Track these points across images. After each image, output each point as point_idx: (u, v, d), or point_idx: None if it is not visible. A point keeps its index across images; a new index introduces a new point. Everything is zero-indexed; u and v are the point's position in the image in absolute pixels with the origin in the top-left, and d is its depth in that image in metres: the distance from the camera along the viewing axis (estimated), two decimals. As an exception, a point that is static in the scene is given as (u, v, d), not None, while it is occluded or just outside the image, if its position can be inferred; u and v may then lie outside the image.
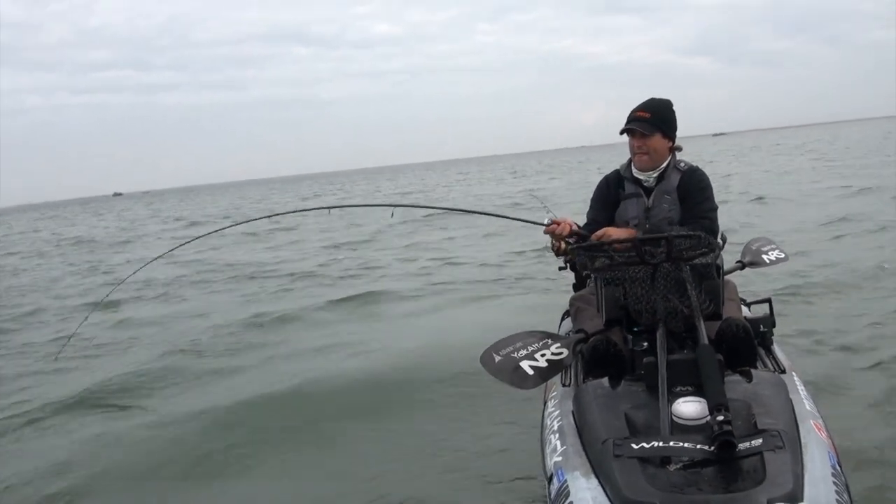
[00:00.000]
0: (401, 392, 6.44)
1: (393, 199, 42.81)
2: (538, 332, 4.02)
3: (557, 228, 4.46)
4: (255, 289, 13.31)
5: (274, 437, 5.76)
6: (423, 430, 5.58)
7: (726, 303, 3.97)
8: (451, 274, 12.95)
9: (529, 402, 4.86)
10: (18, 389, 7.81)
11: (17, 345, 10.26)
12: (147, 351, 8.96)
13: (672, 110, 4.57)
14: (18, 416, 6.78)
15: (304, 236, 22.73)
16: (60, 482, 5.26)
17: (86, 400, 7.11)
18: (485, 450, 5.10)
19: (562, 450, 3.27)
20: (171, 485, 5.15)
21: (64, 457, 5.73)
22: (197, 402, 6.76)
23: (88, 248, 27.14)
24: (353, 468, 5.07)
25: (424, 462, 5.06)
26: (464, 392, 6.16)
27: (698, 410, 3.05)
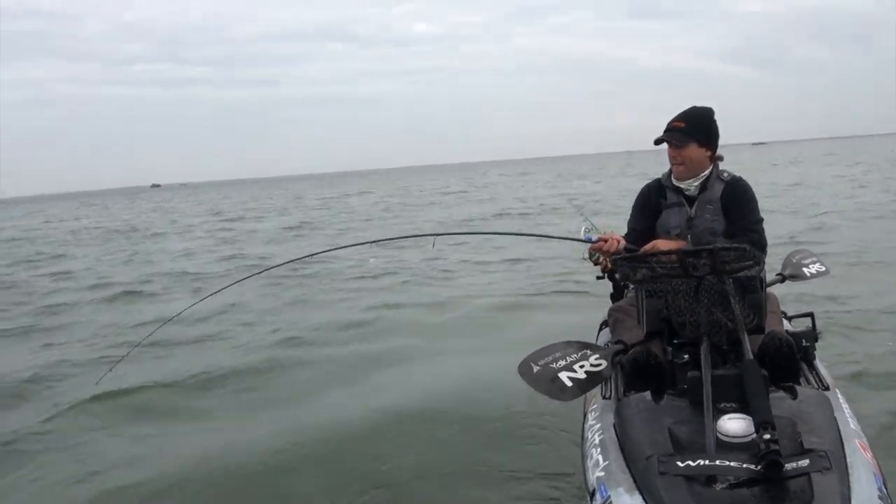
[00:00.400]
0: (434, 405, 6.41)
1: (435, 198, 42.94)
2: (576, 343, 3.98)
3: (605, 245, 4.40)
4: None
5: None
6: (458, 441, 5.56)
7: (768, 316, 3.90)
8: (484, 280, 12.87)
9: (569, 413, 4.80)
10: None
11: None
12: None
13: (712, 119, 4.50)
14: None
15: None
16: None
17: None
18: (523, 462, 5.06)
19: (604, 464, 3.22)
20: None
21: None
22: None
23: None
24: (382, 478, 5.06)
25: (461, 472, 5.05)
26: (499, 402, 6.11)
27: (744, 428, 2.99)
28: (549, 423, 5.45)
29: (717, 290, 3.61)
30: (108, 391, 7.08)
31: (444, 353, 8.29)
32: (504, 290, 11.82)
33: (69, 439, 6.18)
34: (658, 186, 4.64)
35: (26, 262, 21.86)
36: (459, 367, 7.54)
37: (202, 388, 7.42)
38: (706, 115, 4.50)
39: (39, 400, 7.41)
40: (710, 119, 4.49)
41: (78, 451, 5.94)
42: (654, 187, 4.66)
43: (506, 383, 6.18)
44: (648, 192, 4.67)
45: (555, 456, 5.04)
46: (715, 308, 3.59)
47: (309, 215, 34.20)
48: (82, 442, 6.13)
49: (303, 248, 18.00)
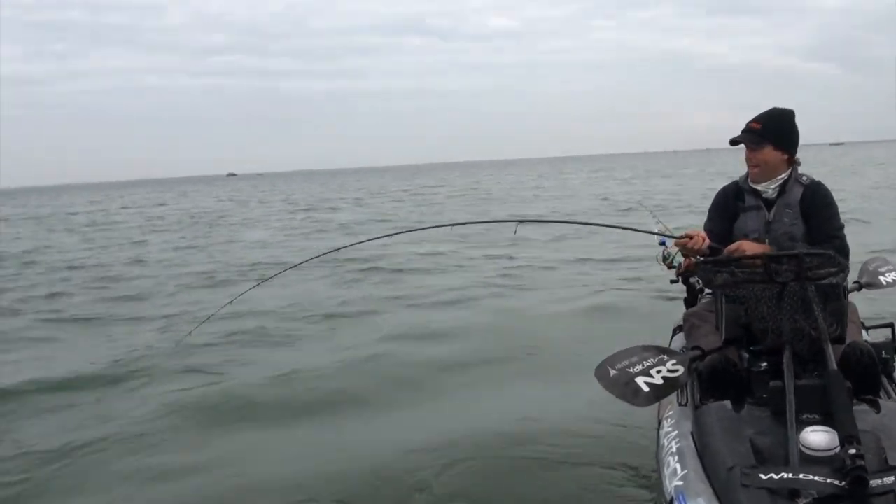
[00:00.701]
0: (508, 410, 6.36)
1: (518, 193, 42.90)
2: (654, 347, 3.90)
3: (690, 242, 4.29)
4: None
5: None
6: (528, 444, 5.52)
7: (848, 325, 3.79)
8: (550, 279, 12.89)
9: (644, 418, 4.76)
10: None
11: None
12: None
13: (791, 121, 4.42)
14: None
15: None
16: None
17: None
18: (596, 468, 5.02)
19: (682, 473, 3.20)
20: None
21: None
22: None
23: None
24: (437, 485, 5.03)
25: (533, 474, 5.02)
26: (572, 407, 6.08)
27: (828, 441, 2.93)
28: (624, 427, 5.40)
29: (799, 297, 3.53)
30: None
31: (520, 357, 8.21)
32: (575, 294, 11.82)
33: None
34: (735, 189, 4.57)
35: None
36: (531, 371, 7.48)
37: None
38: (785, 117, 4.42)
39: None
40: (788, 121, 4.42)
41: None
42: (732, 189, 4.59)
43: (576, 390, 6.20)
44: (725, 195, 4.60)
45: (631, 461, 4.99)
46: (798, 316, 3.51)
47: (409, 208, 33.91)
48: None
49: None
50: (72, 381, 7.65)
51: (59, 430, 6.25)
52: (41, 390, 7.36)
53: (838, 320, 3.61)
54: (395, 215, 30.15)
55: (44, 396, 7.19)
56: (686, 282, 5.23)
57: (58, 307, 12.39)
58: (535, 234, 17.77)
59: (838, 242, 4.18)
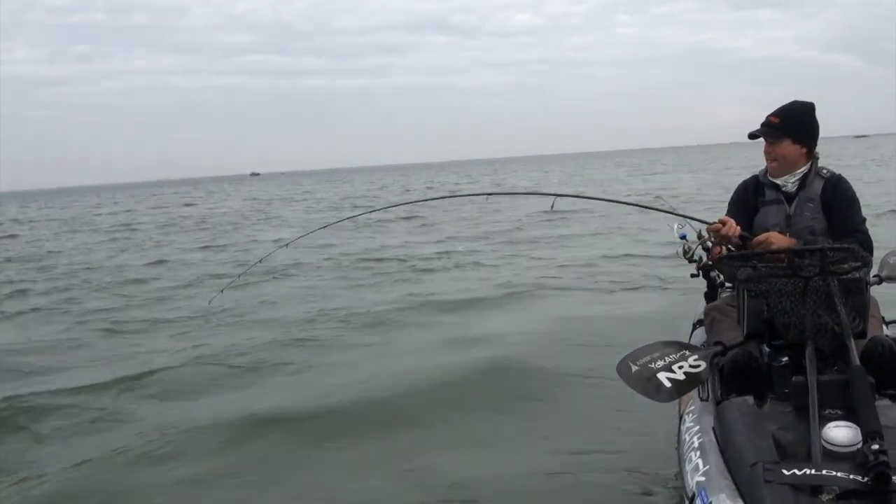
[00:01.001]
0: (524, 396, 6.45)
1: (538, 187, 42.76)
2: (675, 343, 3.91)
3: (723, 229, 4.22)
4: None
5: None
6: (552, 436, 5.57)
7: (869, 320, 3.78)
8: (571, 274, 12.84)
9: (665, 413, 4.74)
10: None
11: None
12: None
13: (810, 115, 4.40)
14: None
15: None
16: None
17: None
18: (618, 461, 5.03)
19: (704, 469, 3.19)
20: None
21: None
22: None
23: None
24: (476, 472, 5.07)
25: (555, 468, 5.03)
26: (592, 399, 6.14)
27: (851, 437, 2.90)
28: (645, 422, 5.39)
29: (822, 291, 3.51)
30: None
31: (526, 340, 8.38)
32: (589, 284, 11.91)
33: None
34: (755, 183, 4.55)
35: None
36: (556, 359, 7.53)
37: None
38: (804, 110, 4.40)
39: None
40: (808, 115, 4.40)
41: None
42: (752, 184, 4.57)
43: (595, 381, 6.18)
44: (745, 189, 4.58)
45: (652, 456, 4.98)
46: (821, 310, 3.48)
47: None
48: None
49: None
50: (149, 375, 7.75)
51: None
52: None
53: (861, 315, 3.59)
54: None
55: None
56: (707, 276, 5.21)
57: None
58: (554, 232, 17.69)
59: (862, 237, 4.15)
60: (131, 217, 40.79)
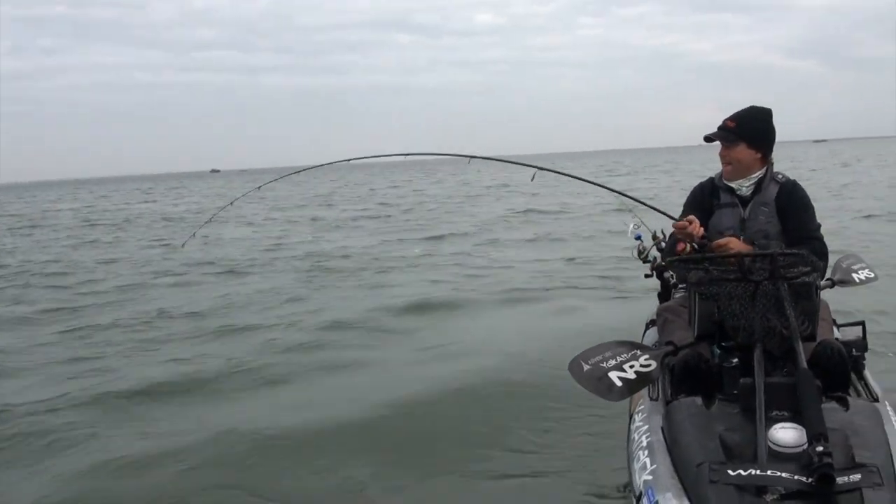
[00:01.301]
0: (477, 399, 6.43)
1: (484, 190, 42.73)
2: (627, 343, 3.94)
3: (690, 227, 4.22)
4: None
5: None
6: (499, 434, 5.57)
7: (819, 324, 3.81)
8: (526, 277, 12.81)
9: (613, 412, 4.77)
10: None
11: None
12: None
13: (766, 121, 4.45)
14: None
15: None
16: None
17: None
18: (566, 460, 5.05)
19: (652, 468, 3.21)
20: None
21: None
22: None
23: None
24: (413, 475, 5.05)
25: (501, 466, 5.05)
26: (542, 399, 6.14)
27: (796, 438, 2.94)
28: (594, 421, 5.43)
29: (772, 295, 3.54)
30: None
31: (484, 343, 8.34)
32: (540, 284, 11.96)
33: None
34: (711, 186, 4.60)
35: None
36: (503, 359, 7.55)
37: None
38: (761, 116, 4.44)
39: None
40: (764, 121, 4.44)
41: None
42: (707, 186, 4.61)
43: (548, 379, 6.20)
44: (701, 191, 4.62)
45: (599, 455, 5.03)
46: (770, 314, 3.52)
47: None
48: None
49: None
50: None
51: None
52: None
53: (810, 319, 3.62)
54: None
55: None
56: (660, 277, 5.26)
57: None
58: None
59: (818, 244, 4.22)
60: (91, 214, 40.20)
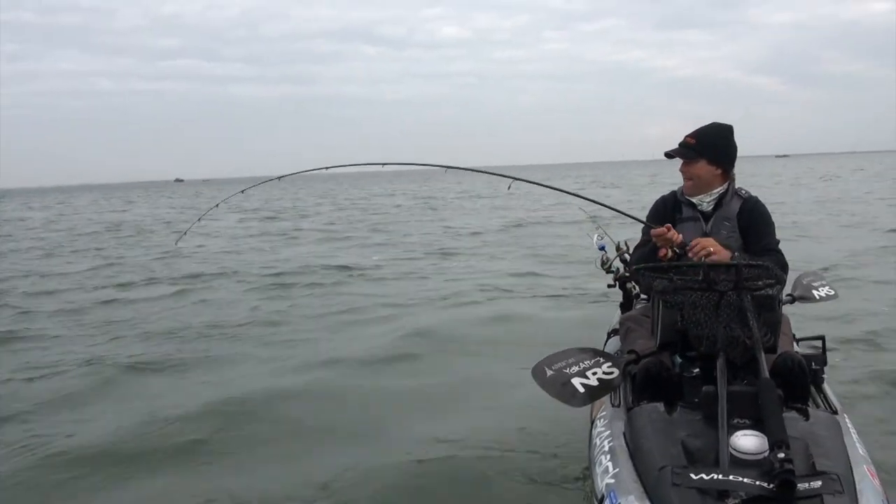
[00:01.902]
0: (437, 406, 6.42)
1: (446, 201, 42.81)
2: (590, 350, 3.98)
3: (668, 234, 4.26)
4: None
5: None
6: (457, 439, 5.56)
7: (780, 337, 3.85)
8: (488, 284, 12.82)
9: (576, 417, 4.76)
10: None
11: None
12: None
13: (727, 137, 4.50)
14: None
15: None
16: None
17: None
18: (528, 464, 5.04)
19: (614, 472, 3.23)
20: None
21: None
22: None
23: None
24: (392, 478, 5.01)
25: (462, 472, 5.03)
26: (504, 404, 6.18)
27: (758, 445, 2.97)
28: (557, 426, 5.42)
29: (735, 305, 3.58)
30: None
31: (456, 349, 8.36)
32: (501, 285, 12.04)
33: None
34: (674, 199, 4.65)
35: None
36: (464, 364, 7.60)
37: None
38: (721, 133, 4.49)
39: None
40: (724, 138, 4.49)
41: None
42: (670, 200, 4.67)
43: (510, 386, 6.23)
44: (664, 204, 4.67)
45: (562, 459, 5.03)
46: (733, 324, 3.56)
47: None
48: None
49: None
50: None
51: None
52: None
53: (772, 330, 3.66)
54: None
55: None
56: (623, 287, 5.30)
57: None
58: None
59: (778, 257, 4.28)
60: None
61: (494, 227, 24.10)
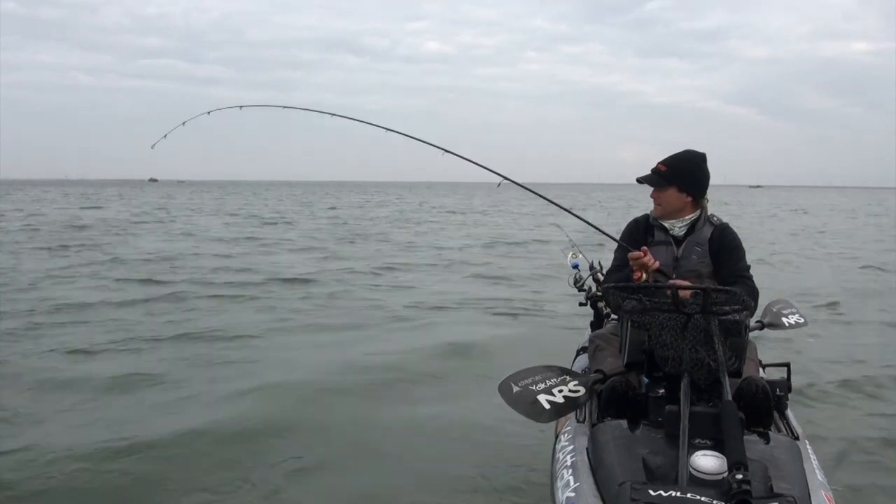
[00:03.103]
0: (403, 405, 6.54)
1: (430, 216, 42.74)
2: (557, 367, 4.00)
3: (644, 258, 4.31)
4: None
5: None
6: (420, 451, 5.62)
7: (746, 362, 3.88)
8: (460, 299, 12.89)
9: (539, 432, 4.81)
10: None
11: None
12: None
13: (699, 165, 4.52)
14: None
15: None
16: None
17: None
18: (490, 477, 5.09)
19: (575, 486, 3.24)
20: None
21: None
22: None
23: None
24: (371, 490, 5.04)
25: (425, 482, 5.07)
26: (467, 417, 6.22)
27: (717, 466, 3.00)
28: (518, 440, 5.50)
29: (702, 329, 3.62)
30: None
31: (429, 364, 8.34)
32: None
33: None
34: (646, 222, 4.67)
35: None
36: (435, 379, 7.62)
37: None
38: (693, 161, 4.52)
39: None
40: (696, 166, 4.52)
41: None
42: (643, 222, 4.69)
43: (475, 402, 6.29)
44: (636, 227, 4.69)
45: (522, 472, 5.08)
46: (699, 346, 3.59)
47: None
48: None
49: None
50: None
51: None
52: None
53: (737, 354, 3.69)
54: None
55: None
56: (594, 306, 5.33)
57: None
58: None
59: (749, 282, 4.33)
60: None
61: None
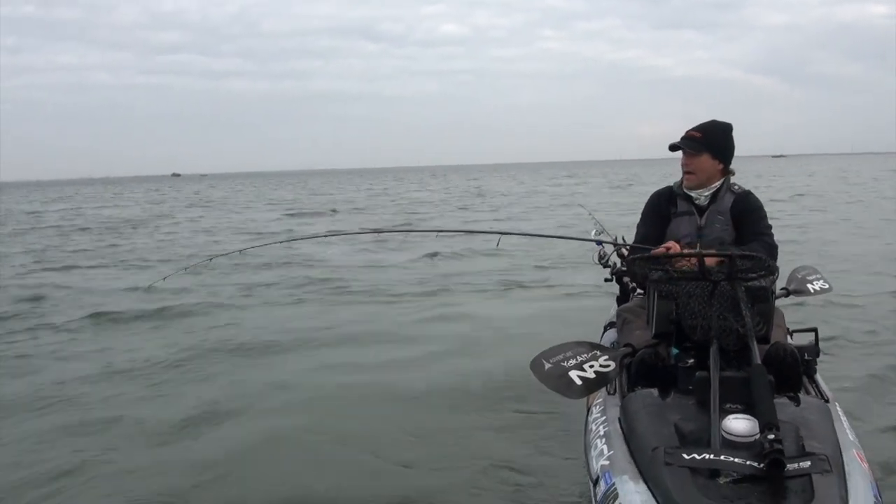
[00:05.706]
0: (440, 395, 6.52)
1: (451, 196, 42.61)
2: (587, 343, 4.03)
3: (671, 252, 4.25)
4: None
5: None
6: (456, 428, 5.70)
7: (774, 328, 3.95)
8: (490, 278, 12.97)
9: (572, 407, 4.85)
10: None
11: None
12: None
13: (728, 134, 4.59)
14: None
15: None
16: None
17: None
18: (524, 450, 5.17)
19: (609, 454, 3.30)
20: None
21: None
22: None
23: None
24: (387, 468, 5.12)
25: (461, 458, 5.14)
26: (501, 393, 6.29)
27: (749, 428, 3.04)
28: (551, 414, 5.58)
29: (729, 295, 3.66)
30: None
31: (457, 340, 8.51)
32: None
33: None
34: (669, 194, 4.72)
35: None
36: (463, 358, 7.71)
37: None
38: (724, 129, 4.58)
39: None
40: (726, 134, 4.58)
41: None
42: (665, 194, 4.74)
43: (508, 376, 6.37)
44: (659, 199, 4.75)
45: (557, 444, 5.15)
46: (727, 313, 3.63)
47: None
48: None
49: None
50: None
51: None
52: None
53: (765, 320, 3.76)
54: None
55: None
56: (619, 281, 5.37)
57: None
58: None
59: (768, 239, 4.39)
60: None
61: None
